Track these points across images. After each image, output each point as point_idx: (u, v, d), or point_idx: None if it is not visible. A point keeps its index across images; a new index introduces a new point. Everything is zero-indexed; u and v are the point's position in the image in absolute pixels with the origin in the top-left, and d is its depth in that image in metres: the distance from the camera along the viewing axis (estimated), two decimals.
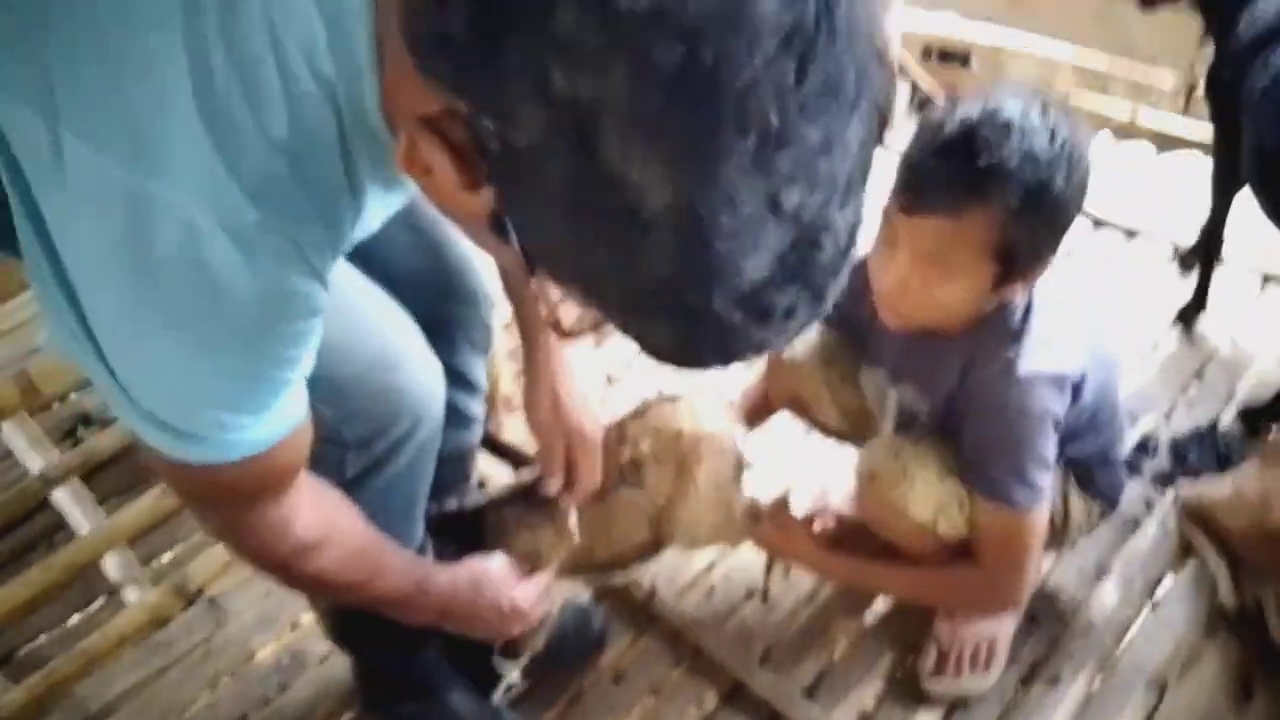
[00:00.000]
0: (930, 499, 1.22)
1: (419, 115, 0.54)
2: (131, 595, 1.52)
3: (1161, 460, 1.64)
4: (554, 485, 1.17)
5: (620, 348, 1.91)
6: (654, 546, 1.32)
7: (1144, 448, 1.66)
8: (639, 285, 0.50)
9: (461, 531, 1.23)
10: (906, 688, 1.37)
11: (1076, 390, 1.19)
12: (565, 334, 0.66)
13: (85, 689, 1.45)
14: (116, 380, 0.66)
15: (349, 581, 0.90)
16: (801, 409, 1.53)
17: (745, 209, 0.47)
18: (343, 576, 0.89)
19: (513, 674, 1.29)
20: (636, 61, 0.44)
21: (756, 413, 1.59)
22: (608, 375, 1.93)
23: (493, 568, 1.08)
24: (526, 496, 1.20)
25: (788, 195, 0.47)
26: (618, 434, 1.24)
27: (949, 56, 2.66)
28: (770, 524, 1.35)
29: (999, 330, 1.16)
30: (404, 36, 0.52)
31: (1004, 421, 1.17)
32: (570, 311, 0.61)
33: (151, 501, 1.44)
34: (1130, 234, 2.12)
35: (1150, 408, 1.74)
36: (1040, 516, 1.21)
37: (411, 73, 0.52)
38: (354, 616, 1.12)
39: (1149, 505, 1.57)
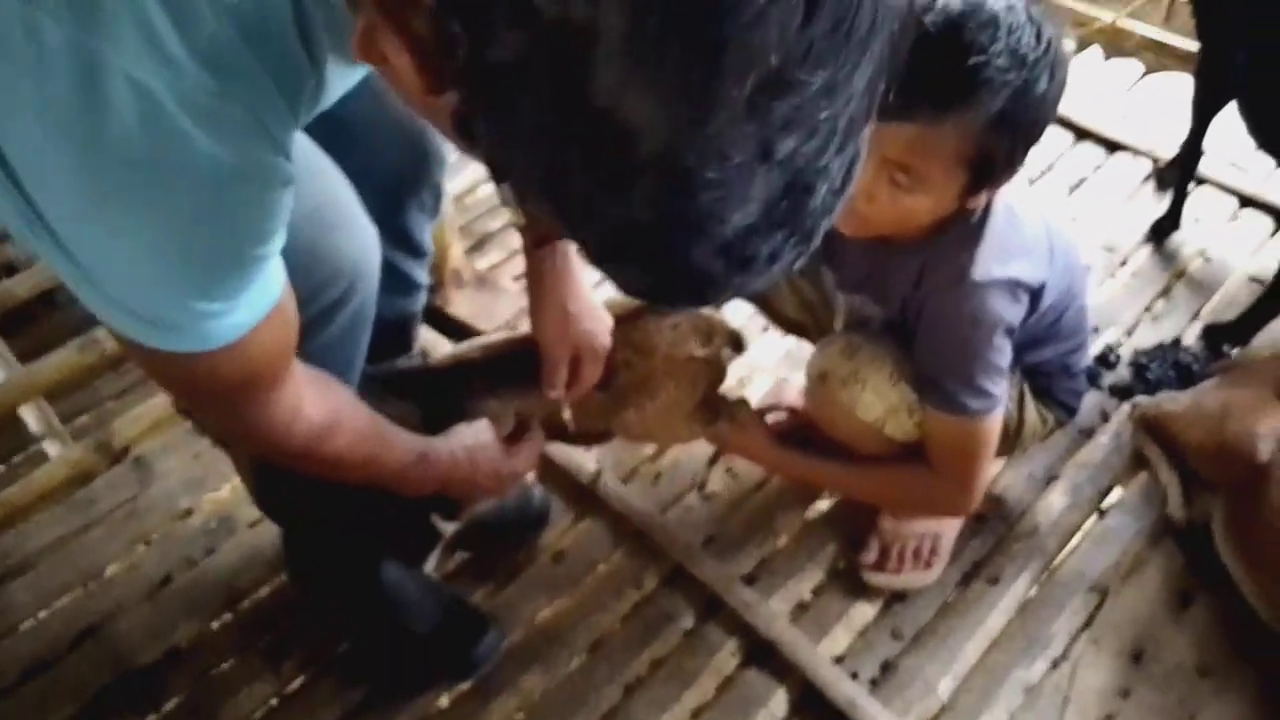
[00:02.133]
0: (880, 402, 1.18)
1: None
2: (53, 450, 1.46)
3: (1121, 373, 1.62)
4: (555, 394, 1.15)
5: None
6: (603, 435, 1.30)
7: (1104, 360, 1.64)
8: (614, 227, 0.46)
9: (417, 391, 1.18)
10: (846, 580, 1.35)
11: (1035, 297, 1.14)
12: (540, 240, 0.62)
13: (4, 542, 1.40)
14: (79, 267, 0.60)
15: (363, 459, 0.89)
16: (759, 299, 1.48)
17: (735, 159, 0.42)
18: (357, 455, 0.88)
19: (449, 530, 1.27)
20: None
21: None
22: None
23: (485, 435, 1.07)
24: (503, 357, 1.17)
25: (781, 143, 0.43)
26: None
27: None
28: (725, 422, 1.31)
29: (956, 234, 1.10)
30: None
31: (955, 330, 1.12)
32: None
33: (74, 354, 1.37)
34: (1112, 148, 2.07)
35: (1114, 321, 1.71)
36: (993, 423, 1.17)
37: None
38: (280, 485, 1.08)
39: (1105, 416, 1.56)
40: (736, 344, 1.24)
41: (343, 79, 0.66)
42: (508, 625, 1.30)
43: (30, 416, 1.41)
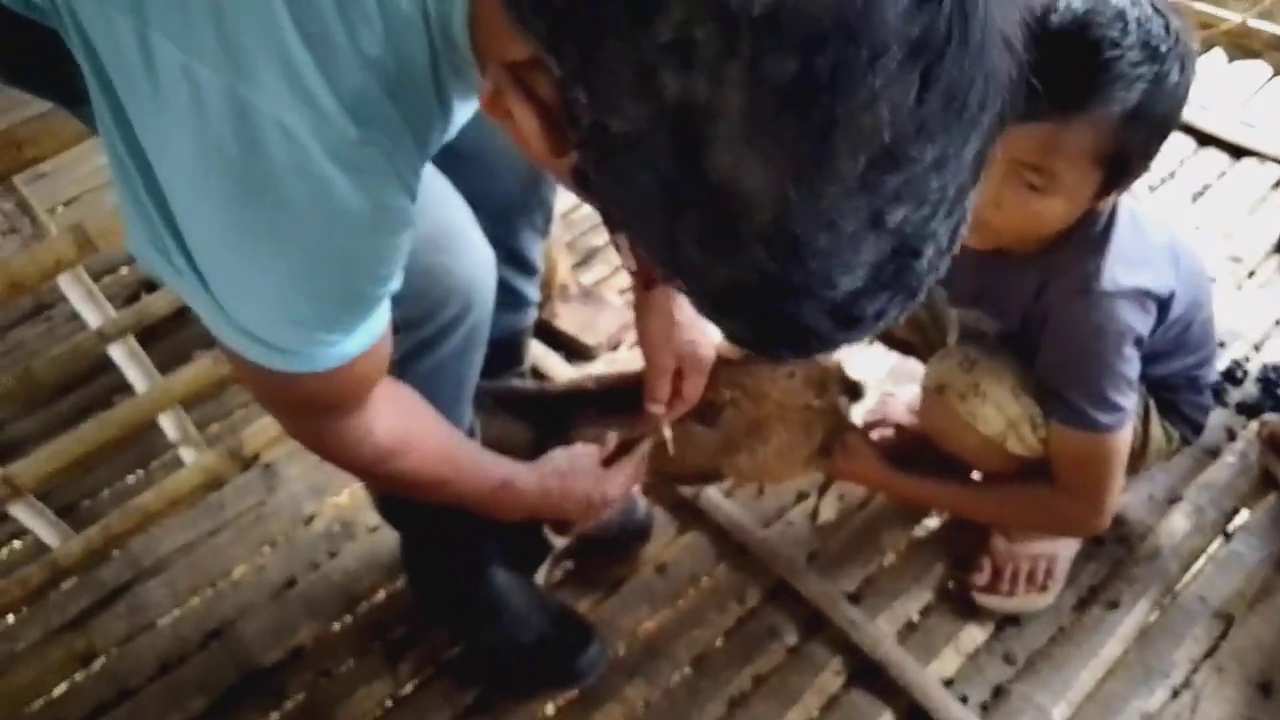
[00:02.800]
0: (1000, 415, 1.16)
1: (506, 60, 0.51)
2: (188, 457, 1.55)
3: (1249, 389, 1.55)
4: (658, 407, 1.16)
5: None
6: (712, 475, 1.31)
7: (1231, 376, 1.57)
8: (724, 286, 0.48)
9: (529, 411, 1.22)
10: (956, 601, 1.33)
11: (1164, 307, 1.11)
12: (650, 284, 0.64)
13: (139, 544, 1.48)
14: (210, 294, 0.65)
15: (431, 482, 0.92)
16: None
17: (846, 229, 0.44)
18: (424, 478, 0.91)
19: (560, 544, 1.30)
20: (750, 70, 0.41)
21: None
22: None
23: (580, 461, 1.08)
24: (614, 391, 1.19)
25: (892, 213, 0.45)
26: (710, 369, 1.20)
27: None
28: (838, 452, 1.30)
29: (1079, 242, 1.08)
30: None
31: (1083, 341, 1.09)
32: None
33: (207, 365, 1.45)
34: (1237, 153, 1.98)
35: (1241, 335, 1.63)
36: (1123, 438, 1.14)
37: (501, 12, 0.49)
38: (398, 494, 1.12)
39: (1231, 435, 1.49)
40: (854, 392, 1.24)
41: (463, 112, 0.69)
42: (611, 636, 1.32)
43: (168, 424, 1.50)
